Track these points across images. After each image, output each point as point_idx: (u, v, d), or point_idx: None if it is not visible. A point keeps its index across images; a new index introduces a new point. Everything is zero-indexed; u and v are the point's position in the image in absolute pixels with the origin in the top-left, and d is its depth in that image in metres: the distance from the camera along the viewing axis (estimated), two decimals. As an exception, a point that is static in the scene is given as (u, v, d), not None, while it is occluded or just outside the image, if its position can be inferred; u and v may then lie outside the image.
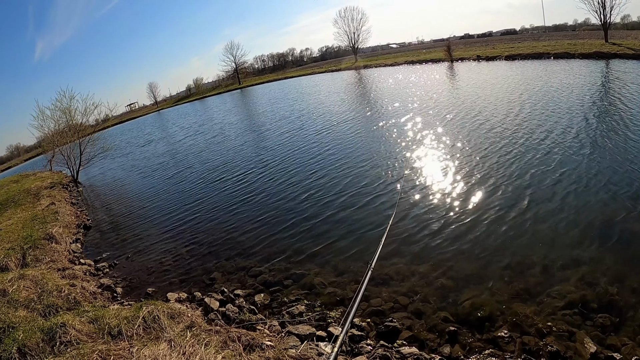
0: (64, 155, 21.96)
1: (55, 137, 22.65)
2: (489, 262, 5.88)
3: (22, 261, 8.60)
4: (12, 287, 6.19)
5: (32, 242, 9.50)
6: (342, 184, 10.41)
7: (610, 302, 4.69)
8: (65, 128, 22.70)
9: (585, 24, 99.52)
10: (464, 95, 20.50)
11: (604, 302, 4.71)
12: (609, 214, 6.66)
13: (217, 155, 18.10)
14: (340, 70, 66.88)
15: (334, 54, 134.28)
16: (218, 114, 39.34)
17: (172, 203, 12.70)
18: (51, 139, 23.14)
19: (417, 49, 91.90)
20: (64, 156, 21.96)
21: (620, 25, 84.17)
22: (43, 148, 26.64)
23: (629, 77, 19.75)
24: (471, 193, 8.41)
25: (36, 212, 13.11)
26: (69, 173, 22.78)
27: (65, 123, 22.88)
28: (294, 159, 14.14)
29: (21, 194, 16.87)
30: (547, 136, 11.33)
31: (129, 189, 17.00)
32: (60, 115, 22.74)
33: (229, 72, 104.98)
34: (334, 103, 26.68)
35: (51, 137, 23.17)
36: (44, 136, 24.72)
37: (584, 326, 4.40)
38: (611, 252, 5.61)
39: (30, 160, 61.67)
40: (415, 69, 44.98)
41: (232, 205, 10.95)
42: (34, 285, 6.50)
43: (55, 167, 25.81)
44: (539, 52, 37.37)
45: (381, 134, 15.06)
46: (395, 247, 6.79)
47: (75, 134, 22.19)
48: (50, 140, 23.39)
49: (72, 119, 22.85)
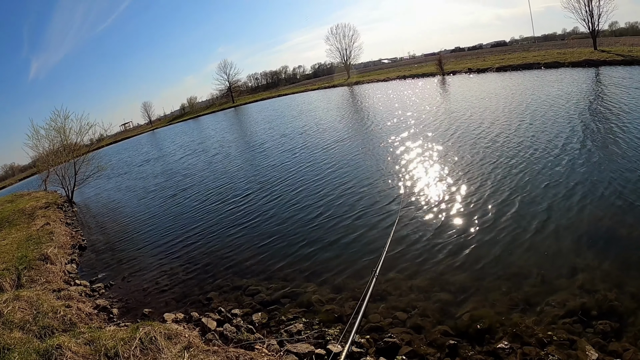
0: (59, 175, 21.88)
1: (49, 157, 22.64)
2: (486, 274, 5.88)
3: (17, 282, 8.51)
4: (7, 308, 6.10)
5: (27, 263, 9.41)
6: (340, 203, 10.33)
7: (610, 308, 4.69)
8: (59, 147, 22.67)
9: (574, 32, 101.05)
10: (458, 108, 20.71)
11: (604, 308, 4.70)
12: (605, 221, 6.70)
13: (215, 175, 17.94)
14: (334, 87, 67.23)
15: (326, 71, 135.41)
16: (215, 132, 39.29)
17: (168, 223, 12.59)
18: (46, 159, 23.11)
19: (408, 64, 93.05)
20: (59, 176, 21.87)
21: (608, 33, 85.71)
22: (37, 168, 26.53)
23: (619, 82, 20.18)
24: (466, 207, 8.44)
25: (31, 232, 13.01)
26: (63, 193, 22.63)
27: (60, 142, 22.86)
28: (291, 177, 14.03)
29: (16, 214, 16.76)
30: (538, 146, 11.45)
31: (124, 209, 16.84)
32: (54, 134, 22.74)
33: (222, 91, 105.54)
34: (331, 120, 26.71)
35: (46, 156, 23.15)
36: (39, 156, 24.65)
37: (585, 334, 4.39)
38: (609, 259, 5.62)
39: (24, 180, 61.28)
40: (407, 83, 45.35)
41: (227, 224, 10.87)
42: (29, 306, 6.42)
43: (50, 187, 25.67)
44: (529, 63, 37.83)
45: (379, 151, 15.02)
46: (392, 262, 6.75)
47: (69, 154, 22.14)
48: (44, 160, 23.36)
49: (67, 139, 22.83)
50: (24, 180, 62.16)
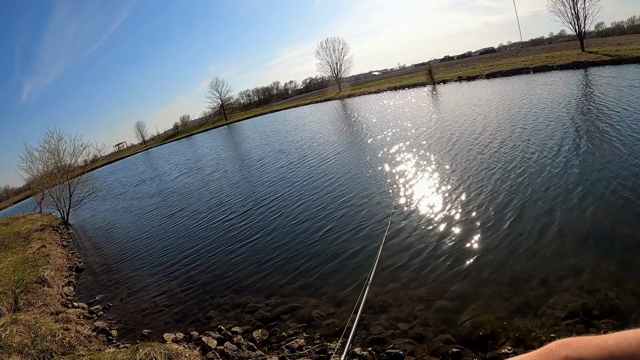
0: (54, 197, 21.78)
1: (44, 179, 22.56)
2: (486, 279, 5.87)
3: (14, 305, 8.41)
4: (5, 332, 6.03)
5: (24, 286, 9.30)
6: (338, 217, 10.23)
7: (611, 307, 4.69)
8: (54, 169, 22.63)
9: (561, 35, 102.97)
10: (452, 117, 20.89)
11: (605, 307, 4.71)
12: (603, 220, 6.75)
13: (212, 193, 17.71)
14: (326, 101, 67.68)
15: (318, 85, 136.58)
16: (210, 150, 39.12)
17: (165, 243, 12.49)
18: (40, 181, 23.03)
19: (399, 75, 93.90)
20: (54, 198, 21.78)
21: (595, 34, 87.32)
22: (32, 190, 26.43)
23: (610, 81, 20.47)
24: (463, 214, 8.45)
25: (27, 255, 12.90)
26: (59, 215, 22.51)
27: (54, 164, 22.83)
28: (289, 193, 13.86)
29: (11, 237, 16.62)
30: (534, 150, 11.55)
31: (121, 230, 16.71)
32: (48, 156, 22.72)
33: (215, 109, 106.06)
34: (326, 134, 26.67)
35: (40, 179, 23.07)
36: (33, 178, 24.59)
37: (588, 334, 4.31)
38: (608, 258, 5.64)
39: (19, 203, 60.95)
40: (399, 94, 45.71)
41: (225, 243, 10.79)
42: (27, 329, 6.34)
43: (45, 209, 25.48)
44: (518, 68, 38.26)
45: (376, 162, 14.89)
46: (391, 273, 6.74)
47: (64, 175, 22.06)
48: (39, 182, 23.28)
49: (61, 160, 22.80)
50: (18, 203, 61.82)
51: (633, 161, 8.95)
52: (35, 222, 20.58)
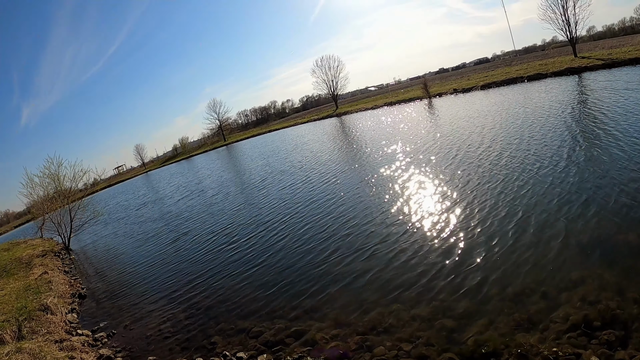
0: (54, 222, 21.83)
1: (44, 204, 22.62)
2: (487, 296, 5.90)
3: (18, 333, 8.41)
4: (10, 361, 6.09)
5: (27, 314, 9.31)
6: (341, 239, 10.14)
7: (612, 317, 4.72)
8: (54, 194, 22.72)
9: (554, 41, 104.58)
10: (450, 130, 21.17)
11: (607, 318, 4.73)
12: (601, 230, 6.82)
13: (215, 217, 17.46)
14: (323, 118, 67.96)
15: (314, 103, 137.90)
16: (211, 171, 39.00)
17: (168, 268, 12.42)
18: (40, 206, 23.08)
19: (395, 90, 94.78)
20: (54, 223, 21.82)
21: (587, 38, 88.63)
22: (32, 214, 26.47)
23: (607, 85, 20.73)
24: (462, 230, 8.51)
25: (29, 281, 12.91)
26: (60, 240, 22.55)
27: (54, 189, 22.93)
28: (292, 215, 13.67)
29: (13, 263, 16.63)
30: (532, 161, 11.71)
31: (123, 255, 16.59)
32: (48, 182, 22.81)
33: (213, 130, 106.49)
34: (327, 152, 26.54)
35: (40, 203, 23.13)
36: (33, 203, 24.65)
37: (590, 346, 4.40)
38: (607, 268, 5.69)
39: (20, 227, 60.86)
40: (396, 109, 45.88)
41: (228, 267, 10.74)
42: (32, 358, 6.39)
43: (46, 234, 25.52)
44: (512, 77, 38.64)
45: (380, 181, 14.76)
46: (393, 293, 6.78)
47: (64, 200, 22.14)
48: (39, 207, 23.33)
49: (61, 185, 22.91)
50: (19, 228, 61.70)
51: (631, 167, 9.10)
52: (37, 247, 20.61)
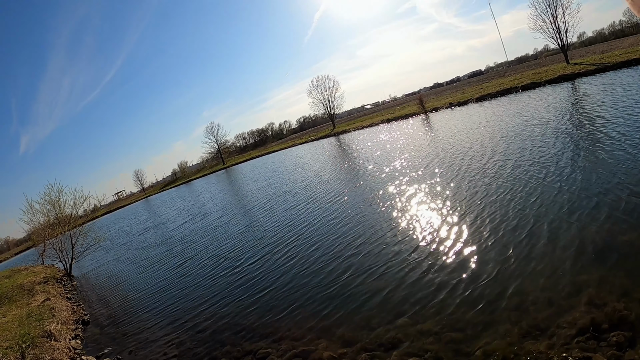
0: (56, 249, 21.80)
1: (45, 231, 22.62)
2: (493, 306, 5.88)
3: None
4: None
5: (30, 341, 9.27)
6: (350, 259, 9.94)
7: (620, 318, 4.71)
8: (55, 221, 22.74)
9: (545, 50, 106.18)
10: (447, 146, 21.39)
11: (615, 319, 4.72)
12: (603, 232, 6.84)
13: (219, 241, 17.06)
14: (321, 138, 68.52)
15: (311, 123, 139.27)
16: (213, 195, 38.86)
17: (173, 293, 12.22)
18: (41, 233, 23.09)
19: (391, 107, 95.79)
20: (56, 250, 21.79)
21: (578, 44, 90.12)
22: (33, 241, 26.43)
23: (600, 89, 21.21)
24: (463, 242, 8.53)
25: (32, 308, 12.84)
26: (61, 267, 22.47)
27: (55, 215, 22.99)
28: (298, 237, 13.33)
29: (14, 290, 16.55)
30: (527, 168, 11.88)
31: (126, 280, 16.40)
32: (49, 208, 22.94)
33: (212, 153, 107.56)
34: (329, 171, 26.30)
35: (41, 230, 23.14)
36: (34, 229, 24.65)
37: (599, 348, 4.39)
38: (612, 269, 5.69)
39: (21, 254, 60.71)
40: (393, 126, 46.07)
41: (233, 291, 10.55)
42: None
43: (47, 260, 25.46)
44: (507, 88, 39.14)
45: (386, 198, 14.62)
46: (400, 308, 6.76)
47: (65, 226, 22.17)
48: (40, 234, 23.33)
49: (62, 212, 22.97)
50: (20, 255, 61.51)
51: (632, 168, 9.28)
52: (38, 274, 20.54)
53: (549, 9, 43.81)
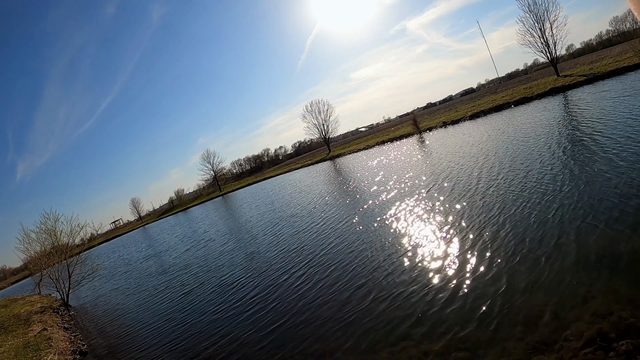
0: (52, 278, 21.53)
1: (42, 259, 22.34)
2: (498, 323, 5.78)
3: (18, 393, 8.17)
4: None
5: (27, 372, 9.08)
6: (357, 286, 9.63)
7: (627, 327, 4.65)
8: (51, 250, 22.51)
9: (535, 64, 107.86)
10: (445, 166, 21.55)
11: (622, 328, 4.65)
12: (604, 242, 6.80)
13: (226, 268, 16.11)
14: (317, 163, 68.42)
15: (307, 148, 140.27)
16: (214, 221, 38.00)
17: (175, 325, 11.62)
18: (38, 262, 22.77)
19: (385, 128, 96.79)
20: (53, 279, 21.51)
21: (567, 56, 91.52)
22: (30, 270, 26.13)
23: (590, 99, 21.48)
24: (465, 261, 8.41)
25: (28, 338, 12.60)
26: (58, 296, 22.12)
27: (52, 244, 22.77)
28: (308, 262, 12.62)
29: (11, 320, 16.25)
30: (524, 183, 11.88)
31: (125, 311, 15.72)
32: (45, 237, 22.72)
33: (208, 180, 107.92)
34: (333, 195, 25.46)
35: (38, 259, 22.84)
36: (30, 258, 24.34)
37: (608, 358, 4.33)
38: (616, 278, 5.64)
39: (17, 284, 60.00)
40: (388, 148, 45.88)
41: (239, 322, 9.99)
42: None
43: (44, 290, 25.12)
44: (499, 104, 39.48)
45: (390, 224, 14.48)
46: (402, 330, 6.63)
47: (62, 255, 21.93)
48: (37, 263, 23.01)
49: (58, 241, 22.77)
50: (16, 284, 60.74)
51: (631, 175, 9.29)
52: (35, 303, 20.22)
53: (537, 23, 44.60)
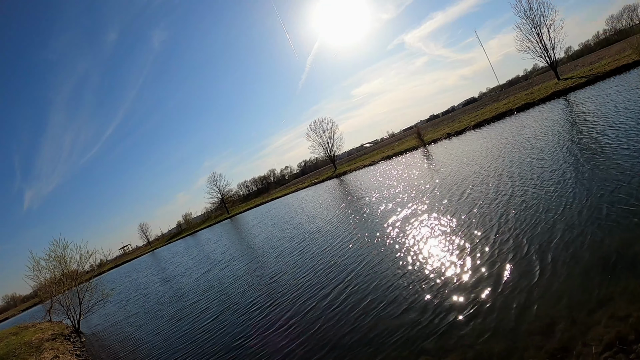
0: (63, 305, 21.51)
1: (52, 287, 22.34)
2: (515, 333, 5.69)
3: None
4: None
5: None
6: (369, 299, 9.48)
7: None
8: (61, 277, 22.53)
9: (535, 69, 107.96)
10: (455, 178, 21.40)
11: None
12: (618, 243, 6.72)
13: (246, 295, 14.25)
14: (323, 181, 68.27)
15: (312, 167, 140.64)
16: (231, 242, 36.33)
17: (191, 349, 11.12)
18: (48, 289, 22.78)
19: (390, 143, 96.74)
20: (63, 306, 21.49)
21: (566, 59, 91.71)
22: (40, 297, 26.12)
23: (593, 100, 21.51)
24: (476, 271, 8.31)
25: (40, 366, 12.53)
26: (69, 323, 22.06)
27: (61, 271, 22.81)
28: (343, 283, 11.22)
29: (22, 347, 16.19)
30: (543, 186, 11.66)
31: (138, 338, 14.95)
32: (55, 264, 22.77)
33: (215, 203, 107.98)
34: (345, 212, 24.25)
35: (48, 286, 22.85)
36: (40, 286, 24.32)
37: None
38: (632, 280, 5.58)
39: (27, 311, 59.92)
40: (394, 163, 45.41)
41: (250, 340, 9.65)
42: None
43: (55, 317, 25.08)
44: (502, 112, 39.51)
45: (411, 243, 14.01)
46: (419, 344, 6.51)
47: (72, 281, 21.95)
48: (47, 290, 23.02)
49: (68, 267, 22.80)
50: (27, 311, 60.60)
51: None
52: (46, 331, 20.17)
53: (534, 28, 44.62)
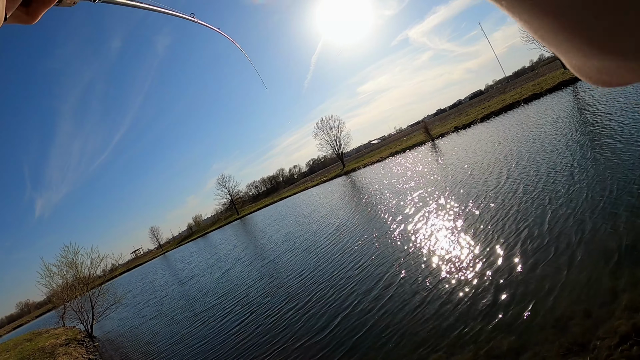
0: (76, 310, 21.77)
1: (64, 293, 22.63)
2: (528, 328, 5.60)
3: None
4: None
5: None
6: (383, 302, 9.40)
7: None
8: (73, 282, 22.80)
9: (541, 59, 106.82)
10: (464, 170, 21.26)
11: None
12: (629, 233, 6.62)
13: (277, 300, 12.68)
14: (332, 179, 68.17)
15: (321, 165, 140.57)
16: (248, 240, 35.40)
17: (204, 353, 10.87)
18: (60, 295, 23.12)
19: (397, 139, 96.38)
20: (76, 311, 21.74)
21: None
22: (53, 303, 26.43)
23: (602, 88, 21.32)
24: (489, 267, 8.21)
25: (54, 371, 12.64)
26: (82, 328, 22.27)
27: (73, 277, 23.10)
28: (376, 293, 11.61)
29: (36, 353, 16.40)
30: (554, 178, 11.46)
31: (153, 342, 14.60)
32: (67, 270, 23.23)
33: (225, 205, 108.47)
34: (366, 211, 23.75)
35: (60, 292, 23.23)
36: (53, 292, 24.60)
37: None
38: None
39: (41, 317, 60.74)
40: (403, 158, 45.34)
41: (265, 346, 9.27)
42: None
43: (68, 322, 25.35)
44: (509, 104, 39.17)
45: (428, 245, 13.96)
46: (431, 342, 6.44)
47: (84, 287, 22.19)
48: (59, 296, 23.31)
49: (79, 273, 23.05)
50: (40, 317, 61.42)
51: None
52: (59, 336, 20.39)
53: (540, 18, 44.91)
